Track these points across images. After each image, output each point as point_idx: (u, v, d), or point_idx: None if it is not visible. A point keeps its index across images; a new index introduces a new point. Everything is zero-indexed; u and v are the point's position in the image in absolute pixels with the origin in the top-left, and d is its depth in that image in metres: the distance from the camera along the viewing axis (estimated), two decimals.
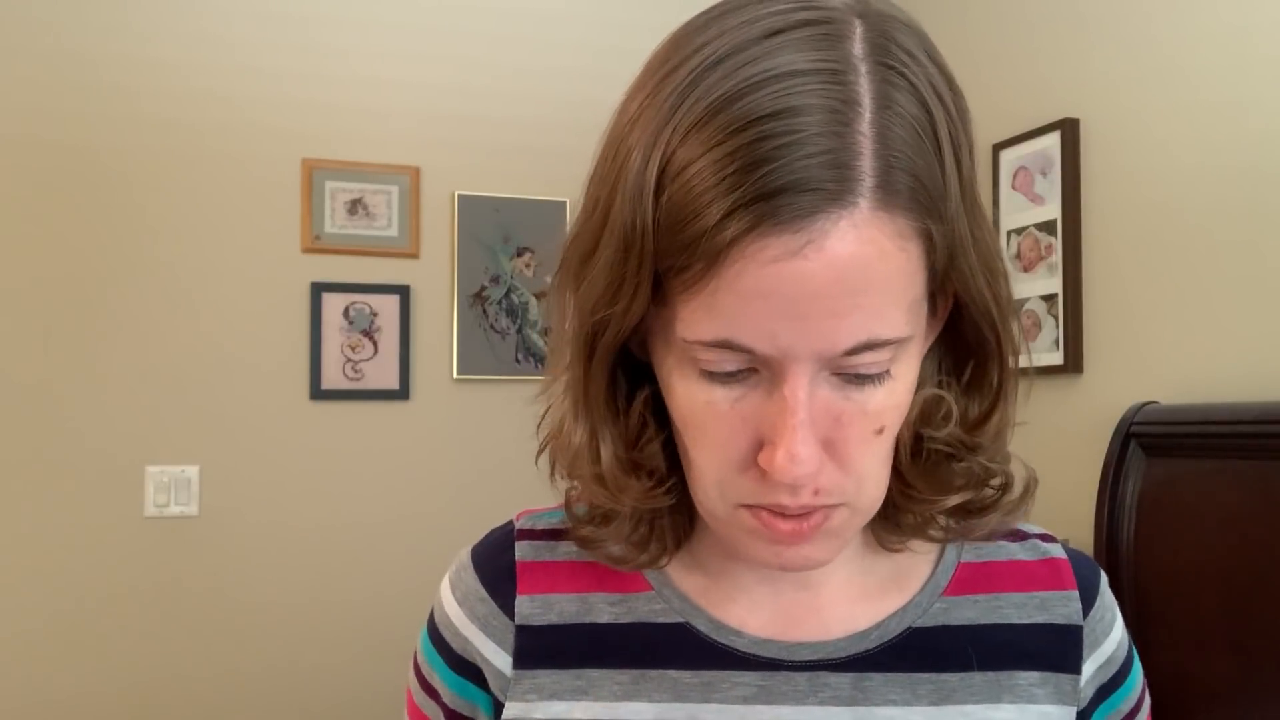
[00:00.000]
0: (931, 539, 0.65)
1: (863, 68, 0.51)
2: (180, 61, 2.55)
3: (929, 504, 0.62)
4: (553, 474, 0.65)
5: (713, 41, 0.52)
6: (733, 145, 0.49)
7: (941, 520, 0.64)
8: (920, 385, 0.60)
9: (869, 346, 0.52)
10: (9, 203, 2.43)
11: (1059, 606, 0.68)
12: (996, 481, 0.63)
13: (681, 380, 0.56)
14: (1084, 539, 2.00)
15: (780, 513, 0.56)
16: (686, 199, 0.50)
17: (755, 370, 0.54)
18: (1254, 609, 1.71)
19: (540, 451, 0.65)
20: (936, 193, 0.52)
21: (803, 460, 0.53)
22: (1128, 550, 1.92)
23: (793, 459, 0.52)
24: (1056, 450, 2.20)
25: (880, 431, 0.56)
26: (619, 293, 0.55)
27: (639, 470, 0.61)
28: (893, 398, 0.55)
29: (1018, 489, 0.64)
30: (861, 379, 0.54)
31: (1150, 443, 1.92)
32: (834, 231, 0.49)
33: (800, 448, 0.52)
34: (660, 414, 0.61)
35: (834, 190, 0.49)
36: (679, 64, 0.53)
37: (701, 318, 0.52)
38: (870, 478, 0.57)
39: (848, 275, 0.50)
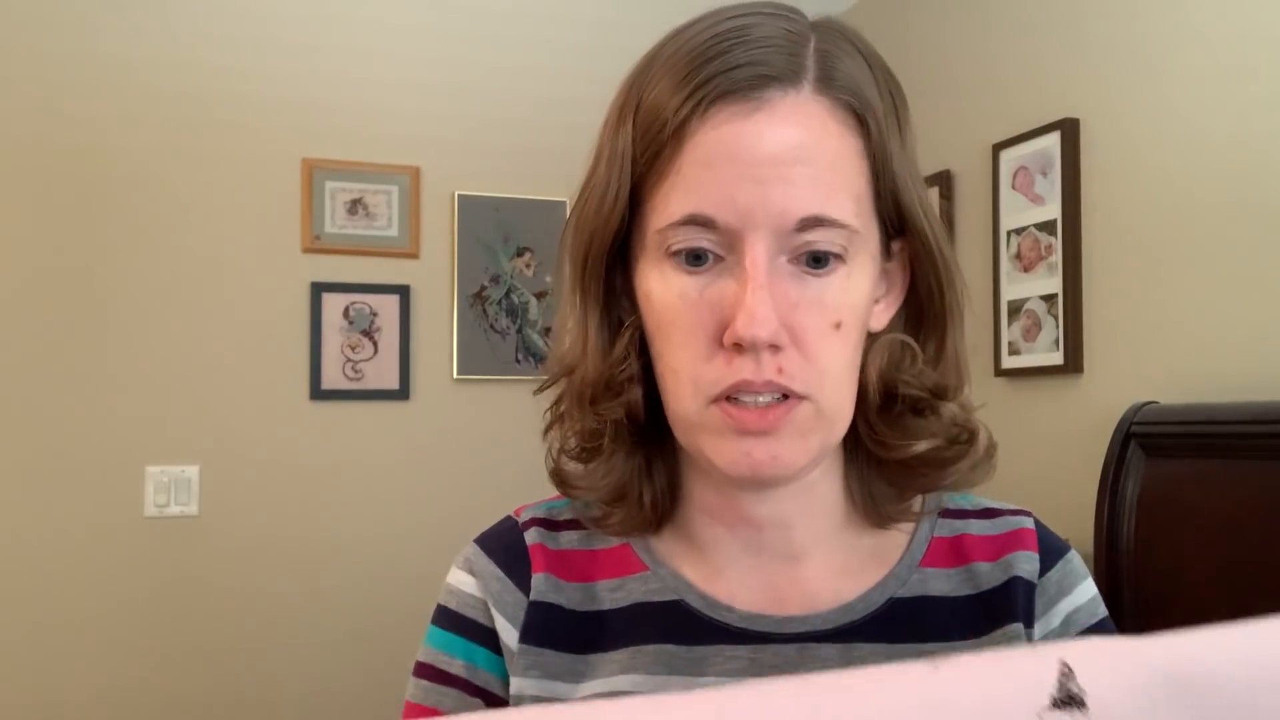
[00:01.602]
0: (911, 488, 0.69)
1: (813, 36, 0.62)
2: (180, 61, 2.55)
3: (898, 449, 0.66)
4: (548, 430, 0.69)
5: (698, 21, 0.62)
6: (692, 55, 0.60)
7: (916, 472, 0.67)
8: (888, 331, 0.67)
9: (820, 222, 0.59)
10: (8, 203, 2.43)
11: (1021, 565, 0.70)
12: (963, 436, 0.67)
13: (659, 279, 0.62)
14: (1084, 539, 2.00)
15: (748, 405, 0.60)
16: (655, 106, 0.60)
17: (721, 259, 0.60)
18: (1255, 609, 1.69)
19: (542, 388, 0.70)
20: (872, 100, 0.62)
21: (761, 320, 0.57)
22: (1128, 550, 1.92)
23: (752, 318, 0.57)
24: (1056, 450, 2.20)
25: (838, 326, 0.60)
26: (603, 202, 0.63)
27: (614, 388, 0.66)
28: (847, 295, 0.61)
29: (981, 446, 0.68)
30: (817, 263, 0.59)
31: (1150, 443, 1.92)
32: (782, 103, 0.59)
33: (759, 308, 0.57)
34: (644, 358, 0.66)
35: (781, 70, 0.59)
36: (666, 40, 0.63)
37: (671, 199, 0.60)
38: (832, 375, 0.61)
39: (797, 143, 0.58)
